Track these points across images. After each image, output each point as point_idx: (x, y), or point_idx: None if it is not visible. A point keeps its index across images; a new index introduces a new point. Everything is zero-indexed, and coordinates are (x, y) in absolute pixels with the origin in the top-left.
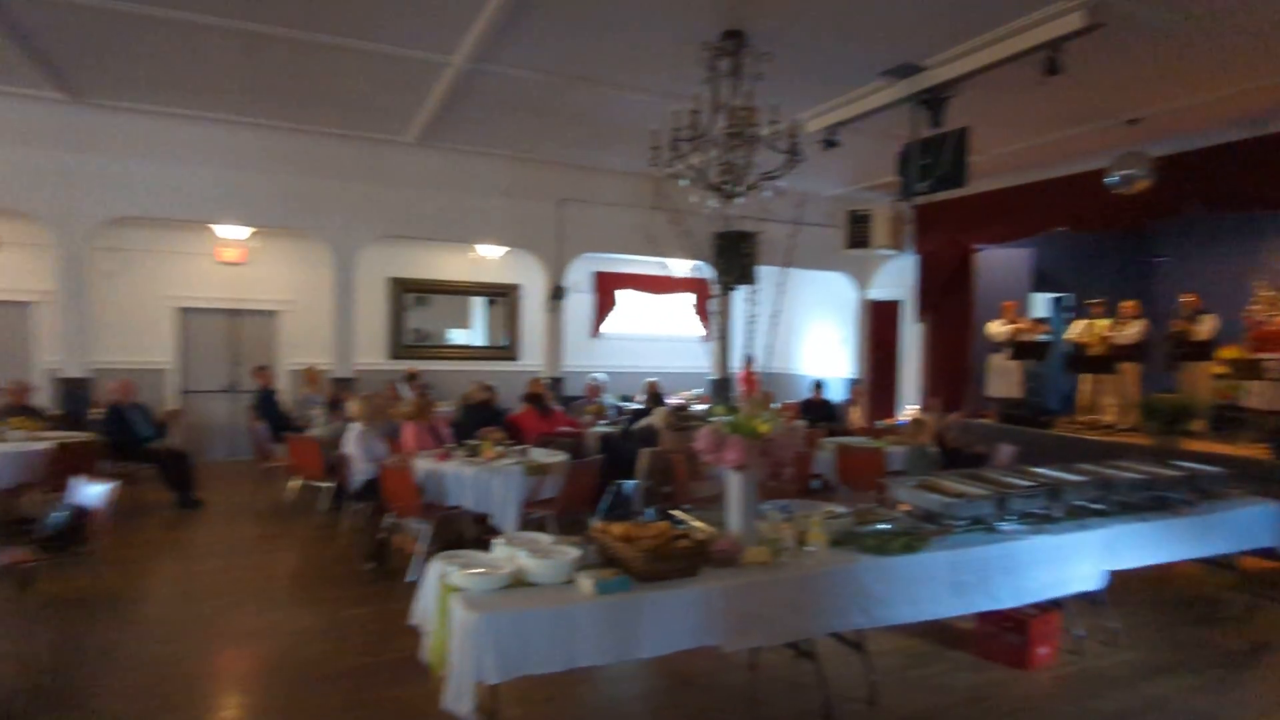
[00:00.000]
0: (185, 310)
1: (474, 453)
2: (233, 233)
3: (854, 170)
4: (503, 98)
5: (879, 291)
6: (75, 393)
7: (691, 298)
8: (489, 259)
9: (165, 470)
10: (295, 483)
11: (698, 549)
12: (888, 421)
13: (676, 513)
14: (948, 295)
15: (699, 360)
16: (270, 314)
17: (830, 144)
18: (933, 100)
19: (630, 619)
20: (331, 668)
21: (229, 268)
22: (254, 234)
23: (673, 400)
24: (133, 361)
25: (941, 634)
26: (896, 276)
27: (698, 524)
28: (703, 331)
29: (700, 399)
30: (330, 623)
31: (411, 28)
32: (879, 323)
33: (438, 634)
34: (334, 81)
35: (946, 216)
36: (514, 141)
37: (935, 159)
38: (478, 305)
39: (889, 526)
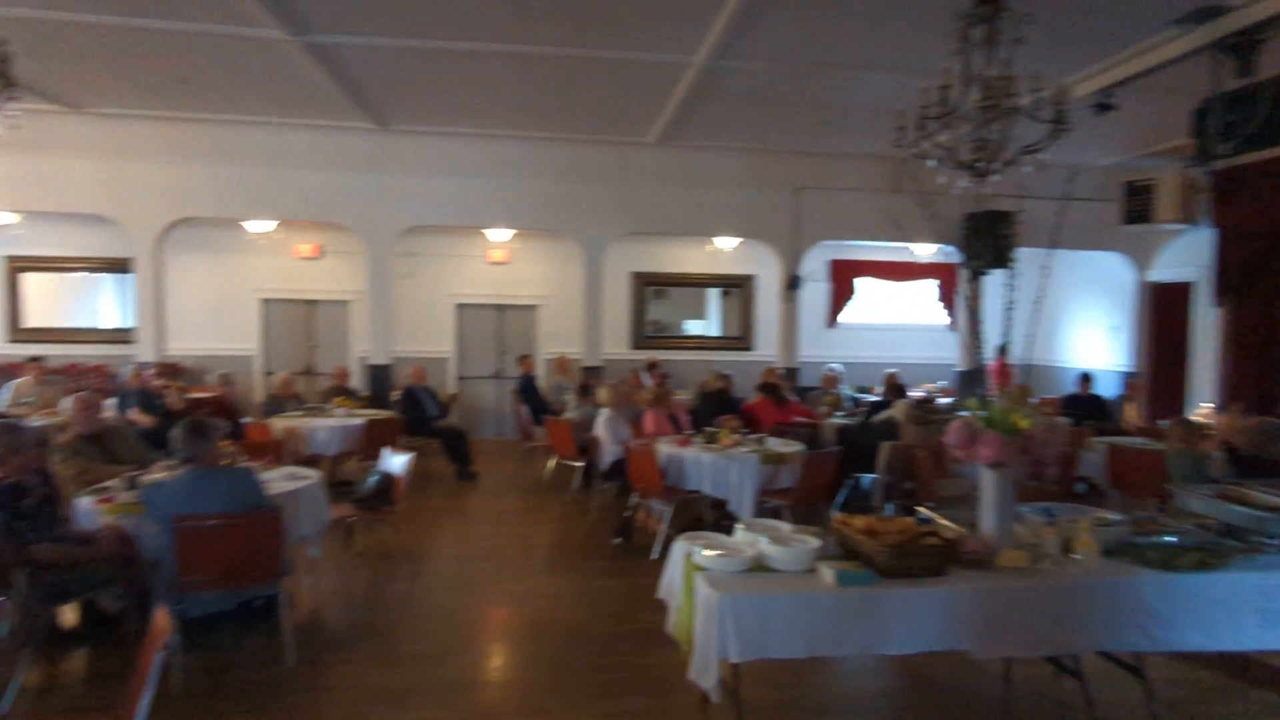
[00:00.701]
0: (461, 306)
1: (712, 440)
2: (499, 235)
3: (1132, 136)
4: (740, 92)
5: (1163, 272)
6: (380, 377)
7: (936, 284)
8: (725, 251)
9: (447, 445)
10: (552, 461)
11: (947, 548)
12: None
13: (920, 509)
14: (1258, 274)
15: (943, 351)
16: (530, 308)
17: (1103, 108)
18: (1242, 45)
19: (873, 613)
20: (587, 631)
21: (496, 267)
22: (516, 236)
23: (915, 392)
24: (422, 350)
25: (1243, 669)
26: (1186, 254)
27: (944, 522)
28: (948, 320)
29: (945, 391)
30: (584, 590)
31: (657, 32)
32: (1163, 308)
33: (683, 609)
34: (587, 91)
35: (1258, 181)
36: (750, 134)
37: (1245, 114)
38: (713, 296)
39: (1176, 539)
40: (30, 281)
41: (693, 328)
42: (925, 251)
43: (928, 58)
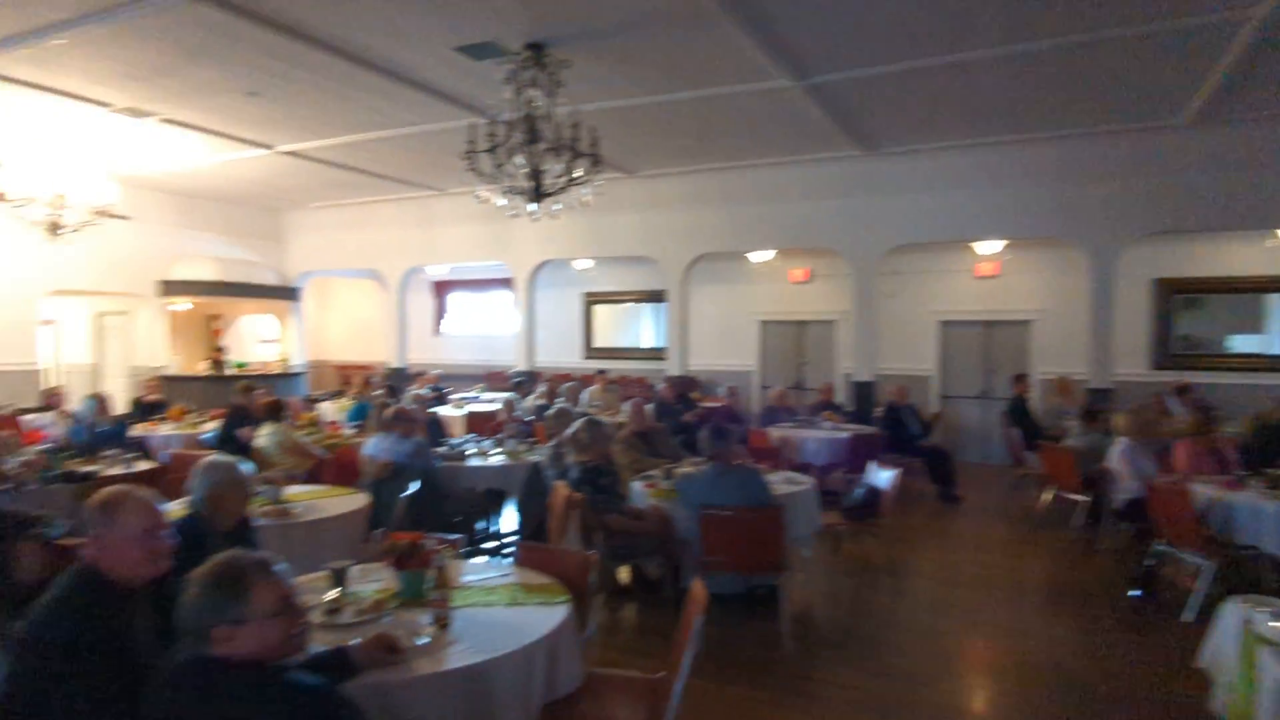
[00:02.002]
0: (945, 323)
1: (1276, 484)
2: (988, 248)
3: None
4: None
5: None
6: (863, 394)
7: None
8: None
9: (930, 465)
10: (1048, 493)
11: None
12: None
13: None
14: None
15: None
16: (1022, 324)
17: None
18: None
19: None
20: (1093, 689)
21: (983, 281)
22: (1008, 247)
23: None
24: (903, 368)
25: None
26: None
27: None
28: None
29: None
30: (1088, 641)
31: None
32: None
33: (1238, 688)
34: (1095, 80)
35: None
36: None
37: None
38: (1275, 304)
39: None
40: (598, 311)
41: (1241, 344)
42: None
43: None
